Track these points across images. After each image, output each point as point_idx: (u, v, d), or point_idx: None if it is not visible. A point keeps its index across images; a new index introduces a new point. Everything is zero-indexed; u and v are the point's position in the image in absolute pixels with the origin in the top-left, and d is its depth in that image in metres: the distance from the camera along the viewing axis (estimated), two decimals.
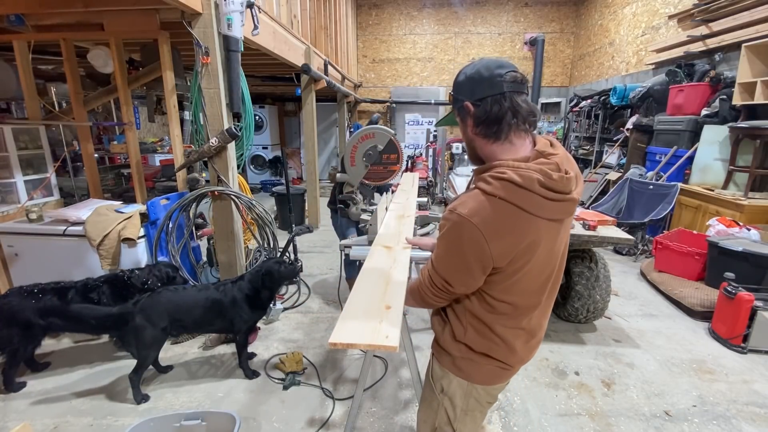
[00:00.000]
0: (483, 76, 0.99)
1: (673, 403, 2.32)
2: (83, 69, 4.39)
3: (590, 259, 3.01)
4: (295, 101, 9.77)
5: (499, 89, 0.97)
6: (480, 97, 0.99)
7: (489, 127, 0.99)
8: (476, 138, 1.04)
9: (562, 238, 1.05)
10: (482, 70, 1.00)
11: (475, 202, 0.94)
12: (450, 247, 0.99)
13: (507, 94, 0.97)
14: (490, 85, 0.98)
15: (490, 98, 0.98)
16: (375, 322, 1.08)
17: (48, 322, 2.30)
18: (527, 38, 9.23)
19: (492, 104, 0.97)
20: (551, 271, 1.06)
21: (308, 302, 3.55)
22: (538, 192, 0.91)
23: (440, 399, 1.18)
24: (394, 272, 1.43)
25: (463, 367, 1.13)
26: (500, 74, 0.97)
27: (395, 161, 2.70)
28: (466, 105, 1.02)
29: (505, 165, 0.96)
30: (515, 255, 0.95)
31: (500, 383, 1.17)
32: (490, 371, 1.12)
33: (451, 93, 1.09)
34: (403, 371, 2.57)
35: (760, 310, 2.71)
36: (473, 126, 1.03)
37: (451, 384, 1.15)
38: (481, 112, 0.99)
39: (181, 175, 3.09)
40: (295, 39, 4.40)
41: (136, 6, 2.77)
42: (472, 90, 1.01)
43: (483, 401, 1.17)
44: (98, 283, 2.46)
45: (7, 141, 3.13)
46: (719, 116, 4.40)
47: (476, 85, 1.00)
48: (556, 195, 0.93)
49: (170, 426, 1.76)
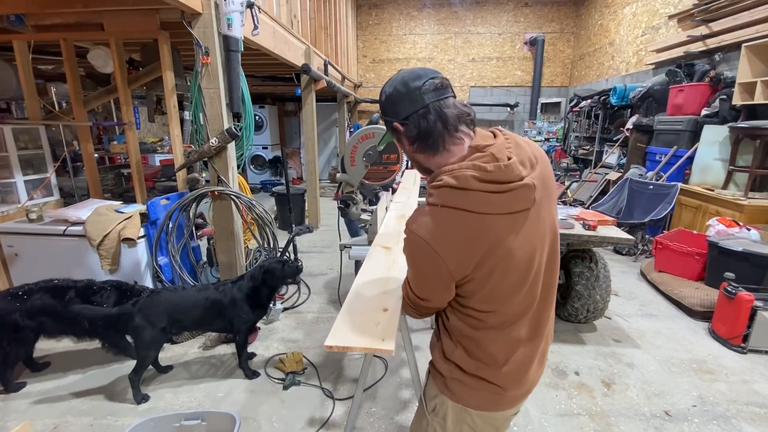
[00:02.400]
0: (402, 93, 0.96)
1: (673, 403, 2.32)
2: (83, 69, 4.39)
3: (590, 259, 3.00)
4: (295, 101, 9.77)
5: (421, 103, 0.93)
6: (405, 115, 0.95)
7: (424, 141, 0.95)
8: (416, 155, 1.01)
9: (539, 231, 0.94)
10: (399, 86, 0.96)
11: (423, 216, 0.91)
12: (410, 263, 0.98)
13: (430, 105, 0.92)
14: (410, 101, 0.94)
15: (414, 115, 0.94)
16: (372, 325, 1.09)
17: (40, 324, 2.25)
18: (527, 38, 9.23)
19: (419, 120, 0.93)
20: (535, 269, 0.96)
21: (308, 302, 3.55)
22: (478, 188, 0.86)
23: (430, 419, 1.10)
24: (392, 274, 1.43)
25: (454, 390, 1.03)
26: (418, 87, 0.93)
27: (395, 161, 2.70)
28: (395, 125, 0.98)
29: (443, 171, 0.92)
30: (478, 261, 0.88)
31: (499, 411, 1.05)
32: (484, 396, 1.02)
33: (381, 113, 1.05)
34: (403, 371, 2.57)
35: (760, 310, 2.71)
36: (409, 144, 0.99)
37: (444, 405, 1.07)
38: (411, 130, 0.96)
39: (181, 175, 3.09)
40: (295, 39, 4.40)
41: (136, 6, 2.77)
42: (395, 110, 0.97)
43: (480, 430, 1.06)
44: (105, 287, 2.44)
45: (7, 141, 3.13)
46: (719, 116, 4.39)
47: (398, 104, 0.97)
48: (500, 186, 0.86)
49: (170, 426, 1.76)
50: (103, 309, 2.25)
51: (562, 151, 8.44)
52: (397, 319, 1.12)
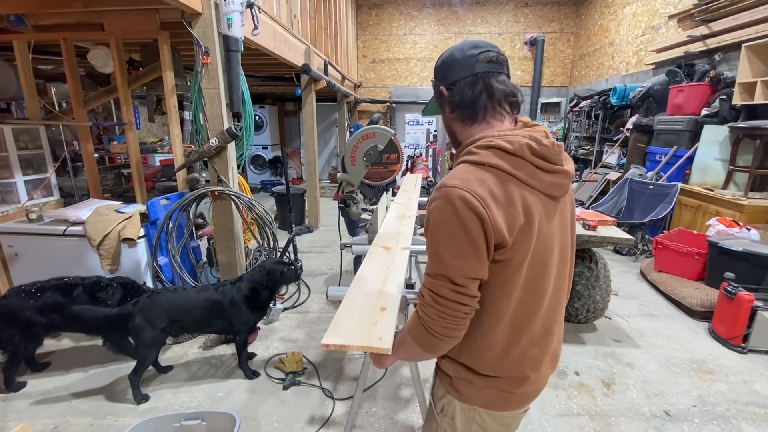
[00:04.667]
0: (455, 58, 0.95)
1: (673, 403, 2.32)
2: (83, 69, 4.39)
3: (590, 259, 3.00)
4: (295, 101, 9.77)
5: (471, 71, 0.92)
6: (453, 80, 0.95)
7: (465, 109, 0.94)
8: (453, 123, 0.99)
9: (561, 226, 0.93)
10: (456, 52, 0.95)
11: (464, 173, 0.84)
12: (447, 228, 0.83)
13: (480, 74, 0.92)
14: (462, 67, 0.93)
15: (462, 81, 0.93)
16: (369, 324, 1.09)
17: (50, 320, 2.30)
18: (527, 38, 9.23)
19: (464, 87, 0.93)
20: (554, 263, 0.92)
21: (308, 302, 3.55)
22: (530, 159, 0.85)
23: (439, 420, 1.06)
24: (391, 273, 1.43)
25: (461, 389, 1.00)
26: (473, 54, 0.92)
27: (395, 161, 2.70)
28: (441, 89, 0.98)
29: (491, 135, 0.89)
30: (517, 232, 0.83)
31: (509, 410, 1.01)
32: (493, 395, 0.98)
33: (433, 79, 1.04)
34: (403, 371, 2.57)
35: (760, 310, 2.71)
36: (450, 110, 0.98)
37: (452, 405, 1.03)
38: (454, 95, 0.95)
39: (181, 175, 3.09)
40: (295, 39, 4.40)
41: (136, 6, 2.77)
42: (445, 74, 0.97)
43: (489, 429, 1.02)
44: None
45: (7, 141, 3.12)
46: (719, 116, 4.39)
47: (449, 69, 0.96)
48: (548, 165, 0.87)
49: (170, 426, 1.76)
50: (103, 309, 2.25)
51: None
52: (395, 319, 1.12)
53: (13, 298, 2.28)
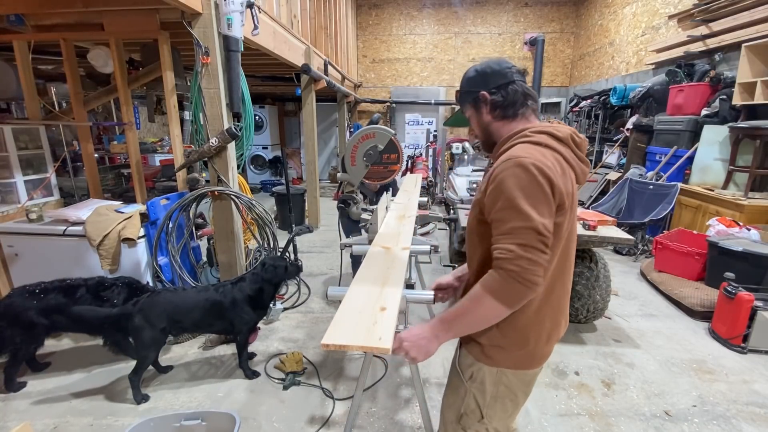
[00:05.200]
0: (495, 69, 1.14)
1: (673, 403, 2.32)
2: (83, 69, 4.39)
3: (590, 259, 3.00)
4: (295, 101, 9.77)
5: (510, 78, 1.13)
6: (495, 86, 1.13)
7: (506, 109, 1.13)
8: (493, 122, 1.15)
9: (575, 212, 1.11)
10: (492, 65, 1.15)
11: (527, 150, 1.00)
12: (527, 189, 0.95)
13: (516, 81, 1.13)
14: (501, 75, 1.13)
15: (504, 85, 1.12)
16: (369, 324, 1.08)
17: (52, 321, 2.30)
18: (527, 38, 9.23)
19: (506, 90, 1.12)
20: (575, 238, 1.12)
21: (308, 302, 3.55)
22: (572, 147, 1.07)
23: (468, 386, 1.17)
24: (391, 273, 1.43)
25: (492, 355, 1.12)
26: (508, 66, 1.14)
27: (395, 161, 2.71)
28: (482, 95, 1.14)
29: (539, 125, 1.08)
30: (565, 200, 1.00)
31: (531, 369, 1.15)
32: (520, 356, 1.11)
33: (460, 90, 1.22)
34: (403, 371, 2.57)
35: (760, 310, 2.71)
36: (490, 112, 1.15)
37: (481, 371, 1.14)
38: (498, 97, 1.13)
39: (181, 175, 3.09)
40: (295, 39, 4.40)
41: (136, 6, 2.77)
42: (486, 81, 1.14)
43: (515, 388, 1.15)
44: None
45: (7, 141, 3.12)
46: (719, 116, 4.39)
47: (489, 77, 1.14)
48: (581, 154, 1.09)
49: (170, 426, 1.76)
50: (103, 310, 2.25)
51: None
52: (395, 319, 1.12)
53: (17, 298, 2.28)
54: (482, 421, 1.15)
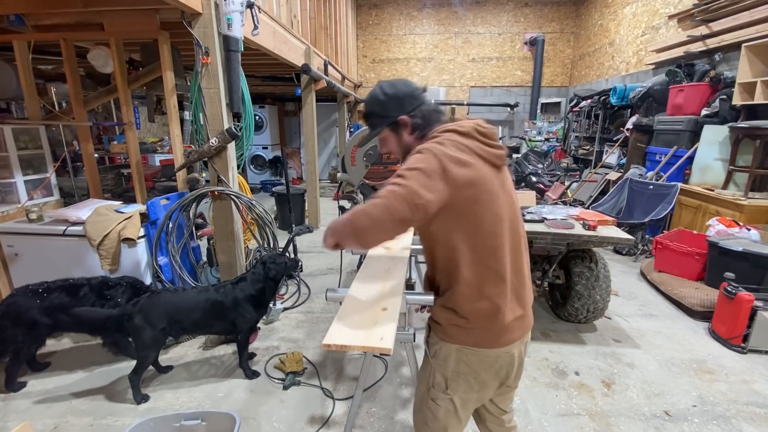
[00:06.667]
0: (407, 92, 1.23)
1: (673, 403, 2.32)
2: (83, 69, 4.39)
3: (590, 259, 3.00)
4: (295, 101, 9.76)
5: (422, 99, 1.24)
6: (412, 108, 1.22)
7: (424, 129, 1.22)
8: (414, 142, 1.23)
9: (507, 189, 1.20)
10: (402, 87, 1.24)
11: (433, 143, 1.13)
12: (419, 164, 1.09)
13: (426, 101, 1.25)
14: (414, 98, 1.23)
15: (418, 107, 1.23)
16: (370, 324, 1.09)
17: (55, 321, 2.30)
18: (527, 38, 9.23)
19: (423, 111, 1.23)
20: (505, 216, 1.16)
21: (308, 302, 3.55)
22: (476, 137, 1.15)
23: (433, 362, 1.26)
24: (391, 273, 1.43)
25: (450, 334, 1.20)
26: (416, 87, 1.26)
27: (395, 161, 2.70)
28: (402, 119, 1.23)
29: (443, 127, 1.19)
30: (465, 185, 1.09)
31: (489, 348, 1.19)
32: (475, 336, 1.18)
33: (372, 113, 1.28)
34: (403, 370, 2.57)
35: (760, 310, 2.71)
36: (410, 133, 1.25)
37: (442, 349, 1.23)
38: (417, 120, 1.23)
39: (181, 175, 3.09)
40: (295, 39, 4.40)
41: (136, 6, 2.77)
42: (402, 105, 1.23)
43: (475, 367, 1.20)
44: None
45: (7, 141, 3.12)
46: (719, 116, 4.39)
47: (404, 101, 1.23)
48: (489, 141, 1.16)
49: (170, 426, 1.76)
50: (103, 311, 2.26)
51: (562, 151, 8.43)
52: (396, 319, 1.12)
53: (20, 297, 2.28)
54: (447, 391, 1.24)
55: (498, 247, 1.15)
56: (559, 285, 3.21)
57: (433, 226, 1.17)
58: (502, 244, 1.16)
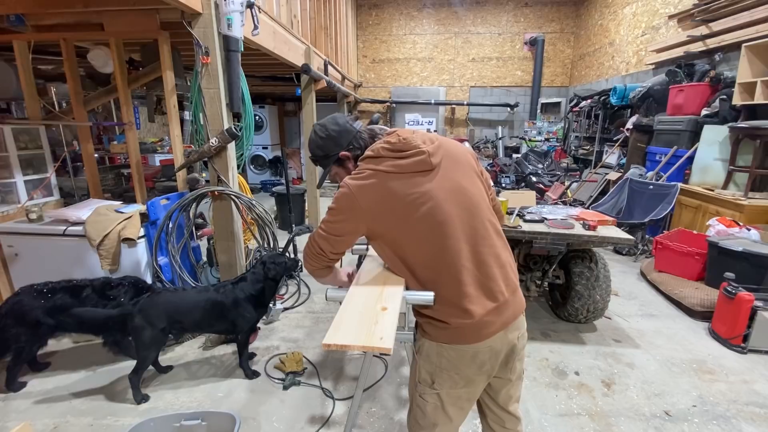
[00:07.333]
0: (338, 130, 1.33)
1: (673, 403, 2.32)
2: (83, 69, 4.39)
3: (590, 259, 3.00)
4: (295, 101, 9.76)
5: (354, 130, 1.34)
6: (347, 142, 1.33)
7: (361, 156, 1.29)
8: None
9: (445, 187, 1.19)
10: (332, 126, 1.34)
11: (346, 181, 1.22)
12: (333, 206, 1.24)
13: (358, 129, 1.35)
14: (347, 132, 1.33)
15: (354, 140, 1.33)
16: (370, 324, 1.08)
17: (58, 321, 2.30)
18: (527, 38, 9.23)
19: (359, 142, 1.34)
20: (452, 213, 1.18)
21: (308, 302, 3.55)
22: (388, 156, 1.19)
23: (417, 358, 1.31)
24: (391, 273, 1.43)
25: (429, 331, 1.25)
26: (346, 121, 1.35)
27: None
28: (342, 155, 1.34)
29: (359, 167, 1.26)
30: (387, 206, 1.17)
31: (466, 344, 1.20)
32: (451, 332, 1.20)
33: (318, 157, 1.39)
34: (403, 370, 2.57)
35: (760, 310, 2.71)
36: (354, 164, 1.32)
37: (424, 345, 1.27)
38: (356, 151, 1.33)
39: (181, 175, 3.09)
40: (295, 39, 4.40)
41: (136, 6, 2.77)
42: (339, 143, 1.33)
43: (455, 362, 1.22)
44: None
45: (7, 141, 3.12)
46: (719, 116, 4.39)
47: (340, 139, 1.33)
48: (403, 153, 1.19)
49: (170, 426, 1.76)
50: (103, 311, 2.26)
51: (562, 151, 8.43)
52: (396, 318, 1.12)
53: (24, 296, 2.29)
54: (433, 386, 1.27)
55: (445, 250, 1.17)
56: (559, 285, 3.21)
57: (374, 245, 1.29)
58: (450, 246, 1.17)
